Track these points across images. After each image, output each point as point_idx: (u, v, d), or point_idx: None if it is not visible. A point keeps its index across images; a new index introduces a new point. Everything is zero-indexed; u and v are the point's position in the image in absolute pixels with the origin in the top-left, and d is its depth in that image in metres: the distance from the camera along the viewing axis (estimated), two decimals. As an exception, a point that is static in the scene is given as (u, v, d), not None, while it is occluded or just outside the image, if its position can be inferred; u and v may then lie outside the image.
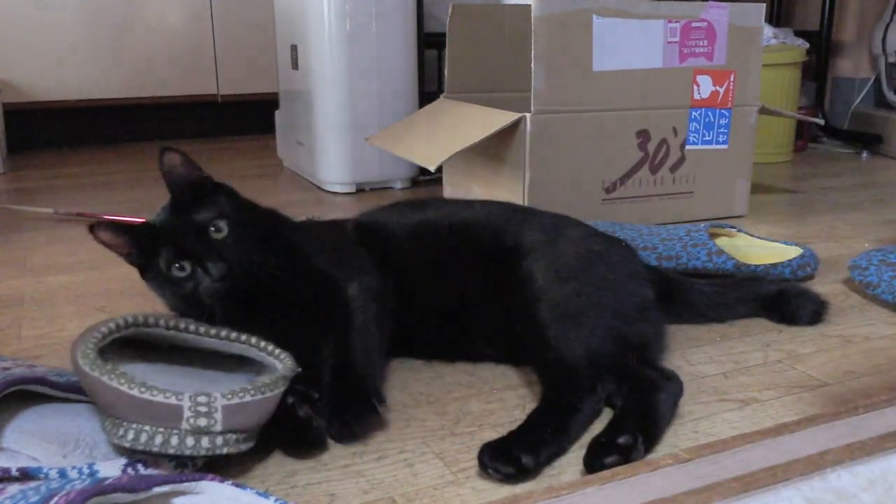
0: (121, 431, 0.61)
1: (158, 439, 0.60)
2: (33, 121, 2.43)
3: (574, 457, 0.67)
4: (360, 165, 1.77)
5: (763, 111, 1.52)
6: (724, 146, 1.49)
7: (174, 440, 0.60)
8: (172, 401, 0.60)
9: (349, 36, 1.69)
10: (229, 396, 0.62)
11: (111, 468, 0.60)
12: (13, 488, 0.56)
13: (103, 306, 1.06)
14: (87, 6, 2.35)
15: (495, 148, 1.39)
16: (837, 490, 0.61)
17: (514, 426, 0.72)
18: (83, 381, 0.64)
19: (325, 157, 1.78)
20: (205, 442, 0.61)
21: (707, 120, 1.46)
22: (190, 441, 0.60)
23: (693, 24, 1.41)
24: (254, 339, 0.73)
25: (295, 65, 1.87)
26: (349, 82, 1.72)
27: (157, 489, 0.54)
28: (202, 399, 0.61)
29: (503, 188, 1.40)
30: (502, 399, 0.78)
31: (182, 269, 0.75)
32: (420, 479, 0.65)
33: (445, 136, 1.43)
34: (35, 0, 2.29)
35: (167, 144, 0.78)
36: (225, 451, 0.62)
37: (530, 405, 0.77)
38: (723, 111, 1.47)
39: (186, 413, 0.60)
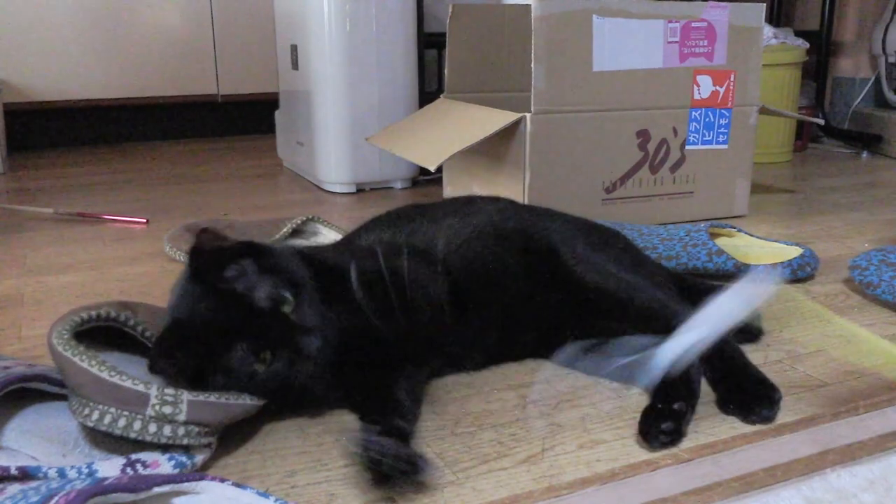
0: (86, 411, 0.62)
1: (122, 422, 0.61)
2: (33, 121, 2.43)
3: (574, 457, 0.67)
4: (360, 165, 1.77)
5: (763, 111, 1.52)
6: (724, 146, 1.49)
7: (137, 425, 0.61)
8: (141, 388, 0.62)
9: (349, 36, 1.69)
10: (195, 394, 0.64)
11: (110, 468, 0.60)
12: (13, 488, 0.56)
13: (103, 306, 1.06)
14: (88, 6, 2.35)
15: (495, 148, 1.39)
16: (837, 490, 0.61)
17: (514, 426, 0.73)
18: (56, 361, 0.65)
19: (325, 157, 1.78)
20: (167, 430, 0.62)
21: (707, 120, 1.46)
22: (153, 427, 0.62)
23: (693, 24, 1.41)
24: None
25: (295, 65, 1.87)
26: (349, 82, 1.72)
27: (157, 489, 0.54)
28: (169, 391, 0.63)
29: (503, 188, 1.40)
30: (502, 399, 0.78)
31: (264, 360, 0.67)
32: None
33: (445, 136, 1.43)
34: (35, 1, 2.29)
35: (205, 227, 0.70)
36: (185, 441, 0.63)
37: (531, 406, 0.77)
38: (723, 111, 1.47)
39: (153, 400, 0.62)
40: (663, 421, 0.68)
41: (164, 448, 0.63)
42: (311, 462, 0.67)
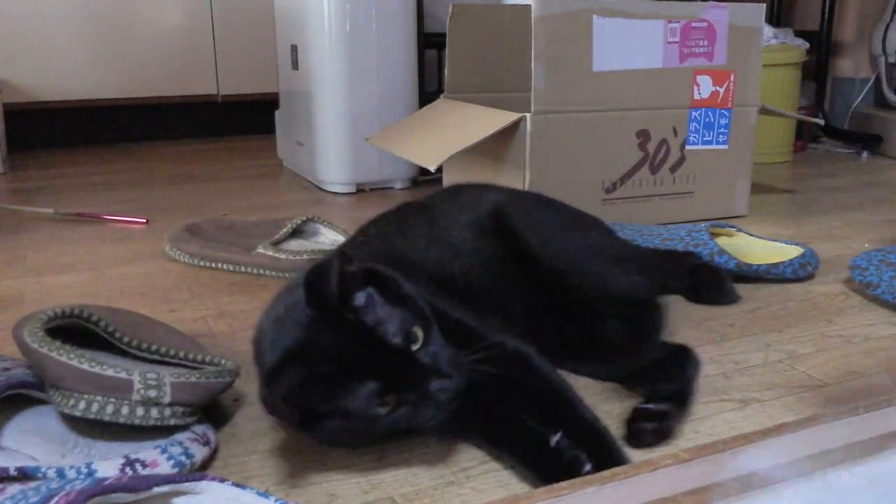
0: (71, 402, 0.63)
1: (110, 409, 0.63)
2: (33, 121, 2.43)
3: (574, 457, 0.67)
4: (360, 165, 1.77)
5: (763, 111, 1.52)
6: (724, 146, 1.49)
7: (125, 410, 0.63)
8: (123, 375, 0.63)
9: (349, 36, 1.69)
10: (176, 375, 0.65)
11: (109, 467, 0.60)
12: (13, 488, 0.56)
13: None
14: (88, 6, 2.35)
15: (495, 148, 1.39)
16: (837, 490, 0.61)
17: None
18: (31, 358, 0.66)
19: (325, 157, 1.78)
20: (154, 412, 0.64)
21: (707, 120, 1.46)
22: (140, 411, 0.63)
23: (693, 24, 1.41)
24: (191, 355, 0.73)
25: (295, 65, 1.87)
26: (349, 82, 1.72)
27: (157, 489, 0.54)
28: (151, 375, 0.64)
29: (503, 188, 1.39)
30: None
31: (388, 404, 0.60)
32: (420, 478, 0.65)
33: (445, 136, 1.43)
34: (35, 0, 2.29)
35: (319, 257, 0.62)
36: (172, 422, 0.65)
37: (530, 405, 0.77)
38: (723, 111, 1.47)
39: (137, 385, 0.63)
40: (649, 422, 0.70)
41: (155, 432, 0.64)
42: (311, 462, 0.67)
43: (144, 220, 1.50)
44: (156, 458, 0.62)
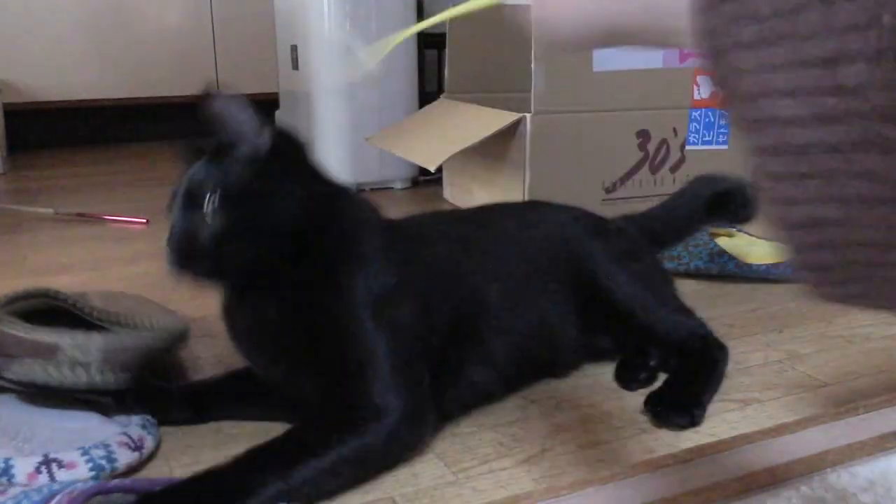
0: (13, 367, 0.66)
1: (38, 370, 0.66)
2: (33, 121, 2.43)
3: (574, 457, 0.67)
4: (360, 165, 1.77)
5: (763, 111, 1.52)
6: (725, 146, 1.49)
7: (52, 370, 0.66)
8: (53, 338, 0.66)
9: (349, 36, 1.69)
10: (107, 337, 0.69)
11: (26, 465, 0.60)
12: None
13: (104, 306, 1.06)
14: (88, 6, 2.35)
15: (495, 148, 1.39)
16: (837, 490, 0.61)
17: (515, 426, 0.73)
18: None
19: (325, 158, 1.77)
20: (81, 374, 0.66)
21: (707, 120, 1.46)
22: (67, 372, 0.66)
23: (693, 25, 1.41)
24: (145, 321, 0.78)
25: (295, 65, 1.87)
26: (349, 82, 1.72)
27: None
28: (81, 338, 0.67)
29: (503, 188, 1.40)
30: (502, 400, 0.78)
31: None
32: (420, 479, 0.65)
33: (445, 136, 1.43)
34: (36, 1, 2.29)
35: None
36: (101, 385, 0.67)
37: (531, 406, 0.77)
38: (723, 111, 1.47)
39: (65, 347, 0.66)
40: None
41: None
42: (312, 462, 0.67)
43: (144, 220, 1.50)
44: (74, 459, 0.61)
